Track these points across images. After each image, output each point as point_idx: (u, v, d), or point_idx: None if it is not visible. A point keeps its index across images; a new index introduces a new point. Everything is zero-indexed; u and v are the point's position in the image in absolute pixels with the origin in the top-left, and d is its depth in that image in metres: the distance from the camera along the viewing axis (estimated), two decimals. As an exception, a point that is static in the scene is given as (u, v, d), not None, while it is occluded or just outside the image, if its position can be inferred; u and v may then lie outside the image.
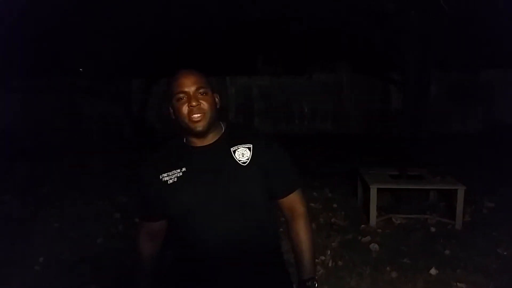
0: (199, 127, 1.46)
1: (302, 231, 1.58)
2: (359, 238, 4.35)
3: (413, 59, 5.87)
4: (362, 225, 4.70)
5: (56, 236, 4.56)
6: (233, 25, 9.23)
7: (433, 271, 3.58)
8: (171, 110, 1.52)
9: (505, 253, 3.95)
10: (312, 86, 11.77)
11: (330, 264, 3.74)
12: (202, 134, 1.50)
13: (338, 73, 11.86)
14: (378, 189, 4.74)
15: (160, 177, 1.51)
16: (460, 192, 4.52)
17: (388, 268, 3.69)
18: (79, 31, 9.03)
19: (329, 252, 3.91)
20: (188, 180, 1.48)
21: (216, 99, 1.54)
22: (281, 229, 1.70)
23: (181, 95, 1.46)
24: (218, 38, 9.91)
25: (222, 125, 1.58)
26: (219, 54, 10.59)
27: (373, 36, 7.97)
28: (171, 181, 1.49)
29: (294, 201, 1.60)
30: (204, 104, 1.47)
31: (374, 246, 4.14)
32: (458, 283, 3.40)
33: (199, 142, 1.53)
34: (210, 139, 1.53)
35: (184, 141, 1.57)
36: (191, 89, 1.46)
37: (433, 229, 4.57)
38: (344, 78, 11.85)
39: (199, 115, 1.45)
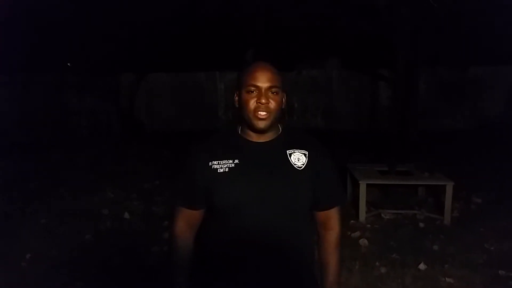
0: (262, 125, 1.44)
1: (332, 252, 1.58)
2: (349, 233, 4.36)
3: (402, 55, 5.90)
4: (352, 221, 4.72)
5: (43, 232, 4.49)
6: (224, 21, 9.19)
7: (421, 266, 3.61)
8: (237, 98, 1.50)
9: (492, 248, 4.00)
10: (302, 82, 11.77)
11: (319, 260, 3.75)
12: (262, 132, 1.48)
13: (327, 69, 11.88)
14: (367, 185, 4.75)
15: (210, 163, 1.47)
16: (449, 188, 4.55)
17: (377, 263, 3.70)
18: (68, 26, 8.94)
19: (318, 248, 3.92)
20: (241, 173, 1.45)
21: (283, 99, 1.51)
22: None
23: (253, 88, 1.44)
24: (208, 33, 9.86)
25: (279, 126, 1.56)
26: (209, 49, 10.54)
27: (363, 32, 8.00)
28: (221, 170, 1.46)
29: (331, 217, 1.58)
30: (272, 104, 1.44)
31: (363, 241, 4.15)
32: (446, 278, 3.43)
33: (255, 137, 1.50)
34: (267, 137, 1.51)
35: (239, 131, 1.53)
36: (264, 85, 1.43)
37: (421, 225, 4.60)
38: (334, 74, 11.87)
39: (265, 113, 1.43)
